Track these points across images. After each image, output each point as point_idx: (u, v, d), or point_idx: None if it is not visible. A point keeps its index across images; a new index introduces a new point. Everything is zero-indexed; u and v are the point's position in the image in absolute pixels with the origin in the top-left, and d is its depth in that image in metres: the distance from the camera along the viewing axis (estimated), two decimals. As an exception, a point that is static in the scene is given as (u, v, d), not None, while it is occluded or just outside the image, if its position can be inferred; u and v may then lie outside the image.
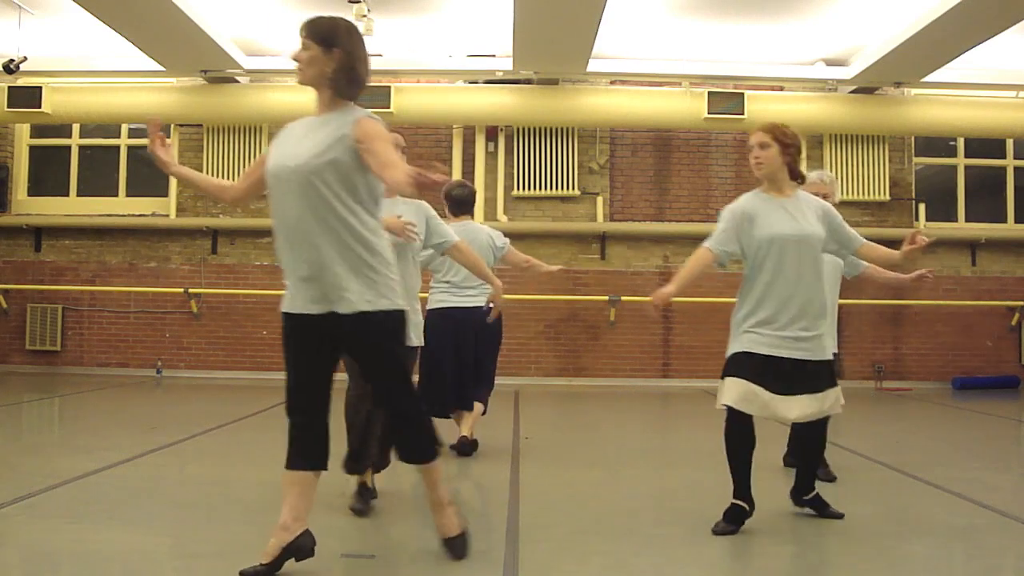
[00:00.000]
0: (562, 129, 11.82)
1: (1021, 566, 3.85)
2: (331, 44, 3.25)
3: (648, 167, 12.12)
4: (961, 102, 11.48)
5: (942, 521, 4.39)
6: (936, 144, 12.44)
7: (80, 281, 12.02)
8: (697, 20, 10.00)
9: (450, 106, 11.40)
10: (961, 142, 12.34)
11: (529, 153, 11.86)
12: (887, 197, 11.93)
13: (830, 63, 11.26)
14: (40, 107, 11.07)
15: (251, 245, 11.95)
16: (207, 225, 11.89)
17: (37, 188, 12.47)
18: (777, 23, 10.05)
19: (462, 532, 3.49)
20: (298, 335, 3.28)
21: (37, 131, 12.43)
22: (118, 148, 12.31)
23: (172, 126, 12.03)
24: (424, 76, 11.58)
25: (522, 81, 11.35)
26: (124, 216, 12.11)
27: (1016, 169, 12.42)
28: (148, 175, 12.01)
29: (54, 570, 3.50)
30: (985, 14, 8.69)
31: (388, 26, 10.04)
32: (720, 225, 4.18)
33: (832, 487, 5.04)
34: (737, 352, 4.06)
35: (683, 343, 11.63)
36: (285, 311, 3.31)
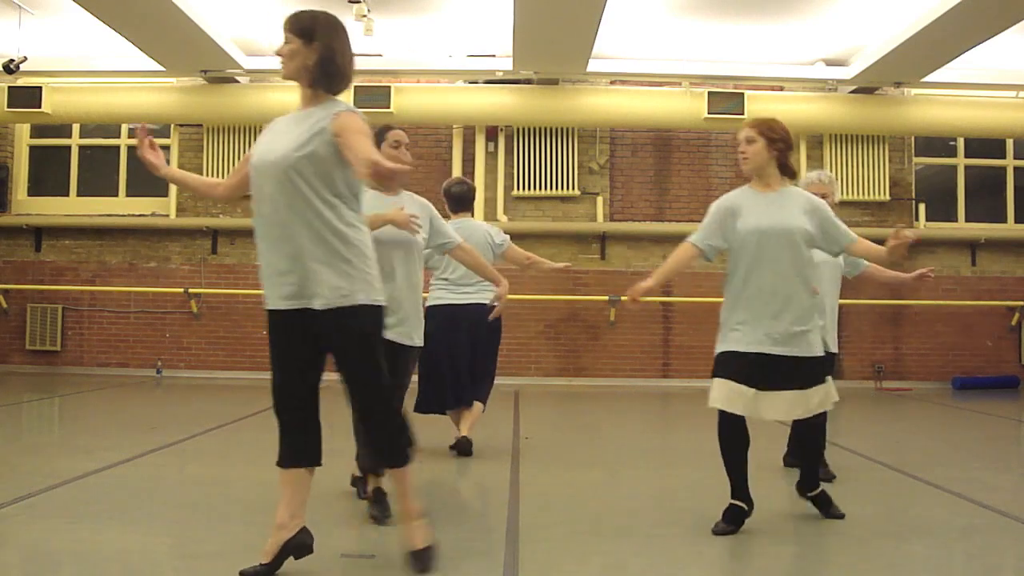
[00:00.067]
0: (562, 129, 11.82)
1: (1021, 566, 3.85)
2: (311, 37, 3.23)
3: (648, 167, 12.12)
4: (961, 102, 11.48)
5: (942, 521, 4.39)
6: (936, 144, 12.44)
7: (80, 281, 12.03)
8: (697, 20, 10.00)
9: (450, 106, 11.40)
10: (961, 142, 12.34)
11: (529, 153, 11.86)
12: (887, 197, 11.93)
13: (830, 63, 11.26)
14: (40, 107, 11.07)
15: (251, 245, 11.75)
16: (207, 225, 11.89)
17: (37, 188, 12.47)
18: (777, 23, 10.05)
19: (429, 546, 3.33)
20: (279, 331, 3.25)
21: (37, 131, 12.43)
22: (118, 148, 12.30)
23: (172, 126, 12.05)
24: (424, 76, 11.59)
25: (522, 81, 11.35)
26: (124, 216, 12.11)
27: (1016, 169, 12.42)
28: (148, 175, 11.76)
29: (54, 570, 3.50)
30: (985, 14, 8.69)
31: (388, 26, 10.04)
32: (705, 219, 4.21)
33: (832, 487, 5.02)
34: (723, 351, 4.06)
35: (683, 343, 11.63)
36: (267, 307, 3.28)
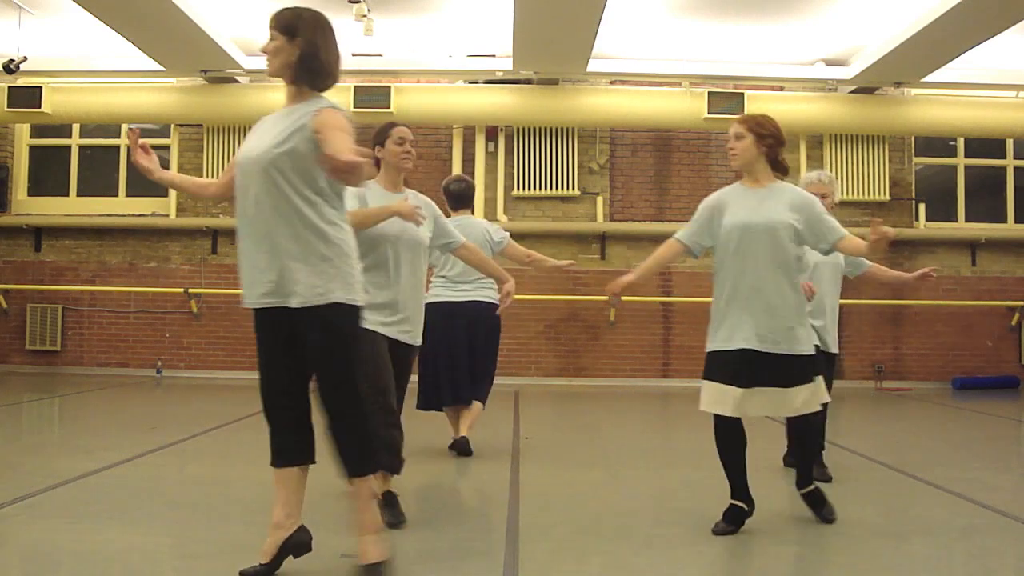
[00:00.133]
0: (562, 129, 11.82)
1: (1021, 566, 3.85)
2: (294, 34, 3.21)
3: (648, 167, 12.12)
4: (961, 102, 11.48)
5: (942, 521, 4.39)
6: (936, 144, 12.44)
7: (80, 281, 12.03)
8: (697, 20, 10.00)
9: (450, 106, 11.40)
10: (961, 142, 12.34)
11: (529, 153, 11.86)
12: (887, 197, 11.93)
13: (830, 63, 11.26)
14: (40, 107, 11.07)
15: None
16: (207, 225, 11.89)
17: (37, 188, 12.47)
18: (777, 23, 10.05)
19: (383, 561, 3.20)
20: (263, 330, 3.24)
21: (37, 131, 12.43)
22: (118, 148, 12.30)
23: (172, 126, 12.06)
24: (424, 76, 11.59)
25: (522, 81, 11.35)
26: (124, 216, 12.11)
27: (1016, 169, 12.42)
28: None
29: (54, 570, 3.50)
30: (985, 14, 8.69)
31: (388, 26, 10.04)
32: (694, 216, 4.22)
33: (832, 487, 5.03)
34: (709, 351, 4.07)
35: (683, 343, 11.62)
36: (245, 305, 3.26)
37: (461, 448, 5.88)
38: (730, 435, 4.02)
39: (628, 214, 12.04)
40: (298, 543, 3.24)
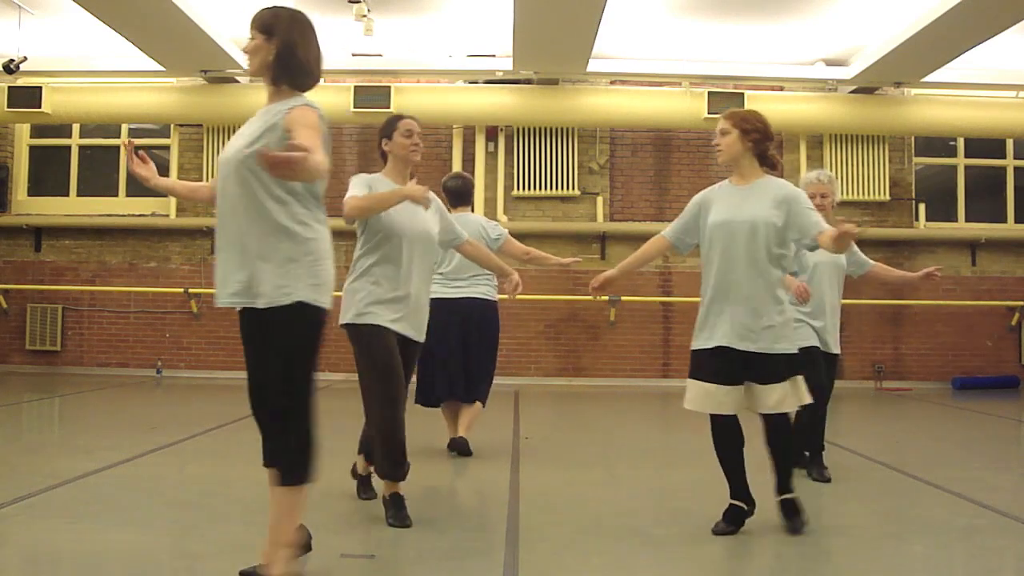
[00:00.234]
0: (562, 129, 11.82)
1: (1021, 566, 3.85)
2: (271, 33, 3.19)
3: (648, 167, 12.12)
4: (961, 102, 11.48)
5: (942, 521, 4.39)
6: (936, 144, 12.44)
7: (80, 281, 12.03)
8: (697, 20, 10.00)
9: (450, 106, 11.39)
10: (961, 142, 12.34)
11: (529, 153, 11.86)
12: (887, 197, 11.93)
13: (830, 63, 11.26)
14: (40, 107, 11.07)
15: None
16: (207, 225, 11.87)
17: (37, 188, 12.47)
18: (777, 23, 10.05)
19: None
20: (241, 331, 3.21)
21: (37, 131, 12.43)
22: (118, 148, 12.28)
23: (172, 126, 12.06)
24: (424, 76, 11.59)
25: (522, 81, 11.35)
26: (124, 216, 12.11)
27: (1016, 169, 12.42)
28: (148, 175, 11.97)
29: (54, 570, 3.50)
30: (985, 14, 8.69)
31: (388, 26, 10.04)
32: (682, 212, 4.24)
33: (832, 487, 5.04)
34: (693, 349, 4.08)
35: (683, 343, 11.48)
36: (222, 305, 3.23)
37: (461, 448, 5.87)
38: (726, 433, 4.02)
39: (628, 214, 12.04)
40: (298, 543, 3.24)
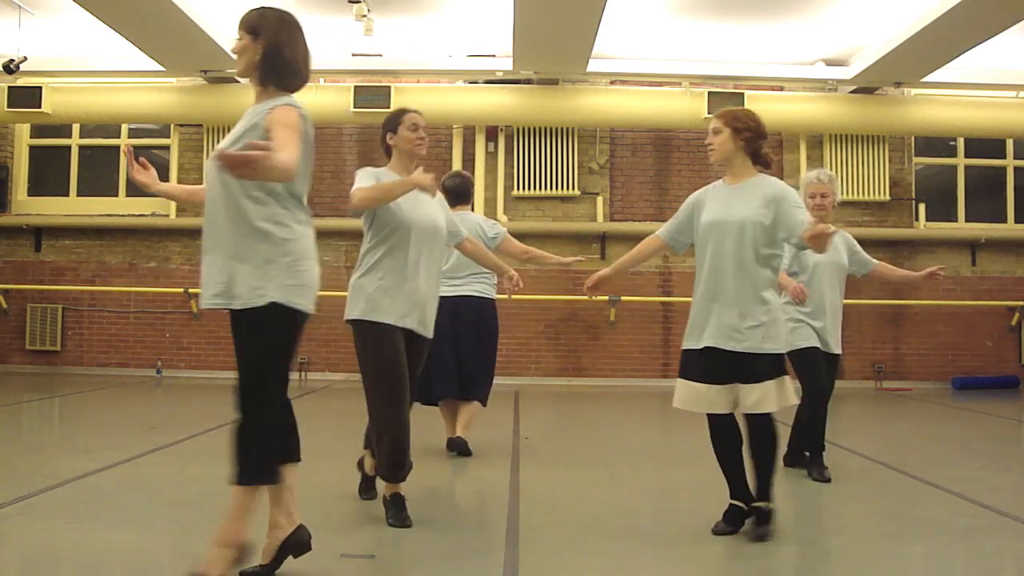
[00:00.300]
0: (562, 129, 11.82)
1: (1021, 566, 3.85)
2: (258, 33, 3.19)
3: (648, 167, 12.12)
4: (961, 102, 11.48)
5: (942, 521, 4.39)
6: (936, 144, 12.44)
7: (80, 281, 12.03)
8: (697, 20, 10.01)
9: (450, 106, 11.39)
10: (961, 142, 12.34)
11: (529, 153, 11.86)
12: (887, 197, 11.93)
13: (830, 63, 11.26)
14: (40, 107, 11.08)
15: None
16: (207, 225, 11.88)
17: (37, 188, 12.48)
18: (777, 23, 10.05)
19: None
20: (232, 332, 3.22)
21: (37, 131, 12.44)
22: (118, 148, 12.28)
23: (172, 126, 12.06)
24: (424, 76, 11.59)
25: (522, 81, 11.35)
26: (124, 216, 12.11)
27: (1016, 169, 12.42)
28: (148, 175, 11.97)
29: (54, 570, 3.50)
30: (985, 14, 8.69)
31: (388, 26, 10.04)
32: (676, 212, 4.26)
33: (832, 487, 5.04)
34: (683, 349, 4.08)
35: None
36: (205, 307, 3.25)
37: (460, 448, 5.86)
38: (723, 433, 4.01)
39: (628, 214, 12.04)
40: (298, 542, 3.24)
